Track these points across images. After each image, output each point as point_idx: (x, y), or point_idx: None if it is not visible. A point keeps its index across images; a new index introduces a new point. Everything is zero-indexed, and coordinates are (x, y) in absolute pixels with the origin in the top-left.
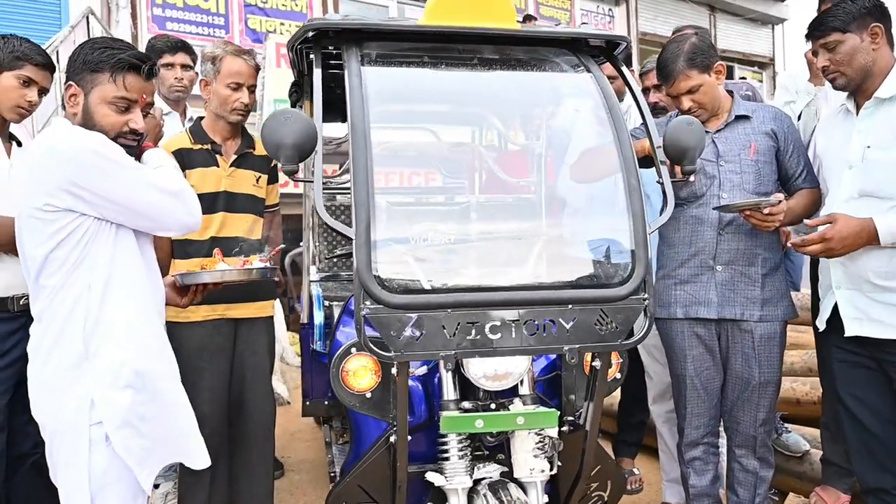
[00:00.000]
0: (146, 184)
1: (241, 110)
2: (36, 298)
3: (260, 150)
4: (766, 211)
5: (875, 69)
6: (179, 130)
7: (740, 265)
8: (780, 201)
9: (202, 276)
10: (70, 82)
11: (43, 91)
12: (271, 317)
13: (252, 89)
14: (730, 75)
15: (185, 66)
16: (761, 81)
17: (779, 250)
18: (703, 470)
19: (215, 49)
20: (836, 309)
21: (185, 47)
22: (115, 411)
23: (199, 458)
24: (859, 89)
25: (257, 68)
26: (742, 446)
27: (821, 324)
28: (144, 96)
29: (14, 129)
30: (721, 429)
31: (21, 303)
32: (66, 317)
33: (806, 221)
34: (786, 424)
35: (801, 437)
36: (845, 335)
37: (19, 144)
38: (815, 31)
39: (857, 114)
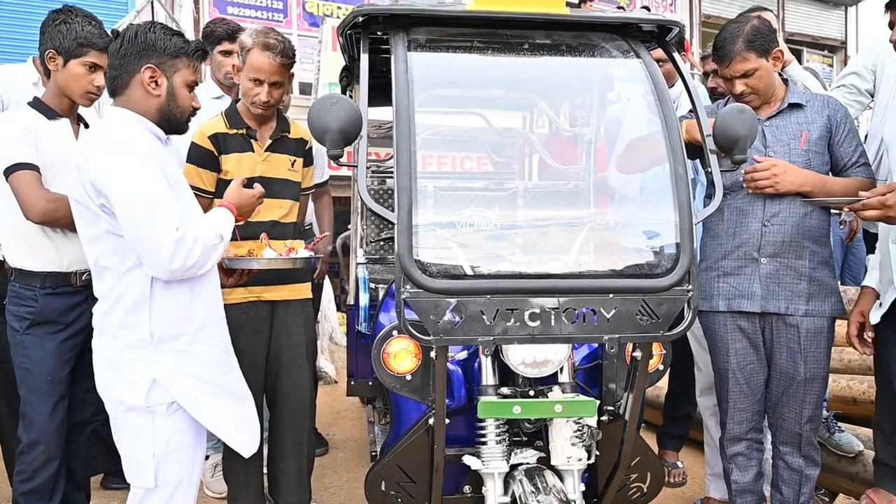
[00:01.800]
0: (156, 217)
1: (260, 105)
2: (100, 278)
3: (295, 133)
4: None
5: None
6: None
7: (787, 258)
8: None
9: (251, 263)
10: (150, 65)
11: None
12: (308, 299)
13: (276, 85)
14: (797, 60)
15: None
16: (831, 66)
17: (827, 244)
18: (745, 466)
19: (247, 38)
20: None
21: None
22: (175, 395)
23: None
24: None
25: (289, 64)
26: (787, 443)
27: (874, 317)
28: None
29: (82, 108)
30: (765, 425)
31: (83, 278)
32: (134, 302)
33: (862, 193)
34: (839, 424)
35: (856, 438)
36: None
37: (86, 126)
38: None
39: None
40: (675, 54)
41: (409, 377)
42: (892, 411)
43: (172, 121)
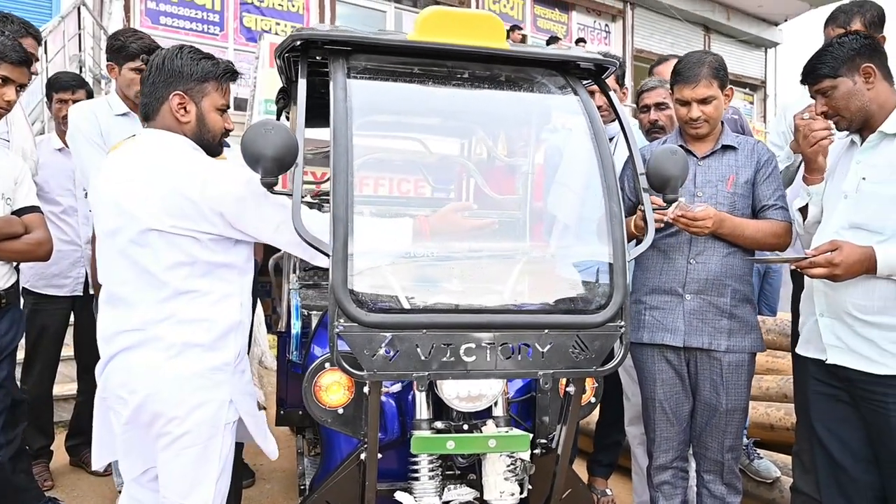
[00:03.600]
0: (279, 222)
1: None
2: (169, 300)
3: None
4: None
5: (874, 107)
6: None
7: (710, 295)
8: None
9: None
10: (178, 92)
11: (21, 87)
12: None
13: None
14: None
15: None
16: (752, 103)
17: (749, 282)
18: (671, 494)
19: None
20: (818, 337)
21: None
22: (241, 412)
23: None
24: (865, 125)
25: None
26: (710, 472)
27: (800, 348)
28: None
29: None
30: (691, 453)
31: None
32: (228, 325)
33: (806, 251)
34: (758, 450)
35: (773, 464)
36: (826, 362)
37: None
38: (808, 77)
39: (861, 145)
40: (612, 93)
41: (340, 410)
42: (810, 440)
43: (204, 144)
